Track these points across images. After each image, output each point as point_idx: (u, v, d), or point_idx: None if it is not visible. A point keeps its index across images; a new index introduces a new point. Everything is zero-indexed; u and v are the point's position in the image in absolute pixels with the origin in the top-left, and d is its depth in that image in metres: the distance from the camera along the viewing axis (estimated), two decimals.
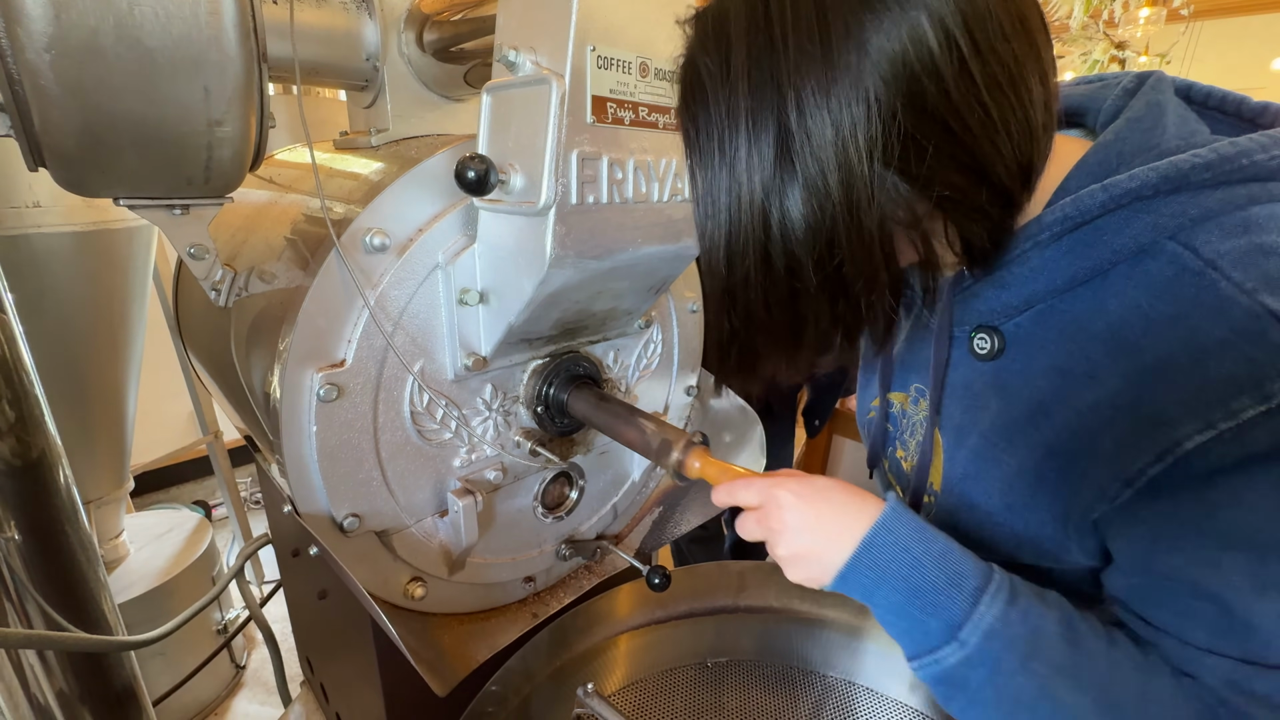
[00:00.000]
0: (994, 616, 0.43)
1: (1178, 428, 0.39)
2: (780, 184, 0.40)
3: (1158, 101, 0.46)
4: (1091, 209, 0.43)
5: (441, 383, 0.66)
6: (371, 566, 0.67)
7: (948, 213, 0.43)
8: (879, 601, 0.46)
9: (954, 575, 0.44)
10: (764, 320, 0.45)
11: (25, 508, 0.78)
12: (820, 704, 0.85)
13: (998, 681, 0.43)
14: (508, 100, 0.55)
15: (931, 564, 0.44)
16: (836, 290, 0.43)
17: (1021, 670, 0.42)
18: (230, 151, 0.54)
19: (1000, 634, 0.42)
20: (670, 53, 0.57)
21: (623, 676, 0.88)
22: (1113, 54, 3.16)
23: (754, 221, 0.41)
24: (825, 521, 0.47)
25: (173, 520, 1.96)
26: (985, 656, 0.43)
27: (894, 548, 0.45)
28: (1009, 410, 0.49)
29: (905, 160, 0.39)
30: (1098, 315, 0.44)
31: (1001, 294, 0.49)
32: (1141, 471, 0.41)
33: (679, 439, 0.58)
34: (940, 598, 0.44)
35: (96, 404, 1.53)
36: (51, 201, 1.24)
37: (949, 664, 0.44)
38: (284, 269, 0.65)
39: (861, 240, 0.41)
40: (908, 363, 0.63)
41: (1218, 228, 0.40)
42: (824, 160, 0.39)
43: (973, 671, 0.43)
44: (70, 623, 0.82)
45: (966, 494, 0.54)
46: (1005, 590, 0.44)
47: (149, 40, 0.46)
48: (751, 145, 0.40)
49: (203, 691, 1.86)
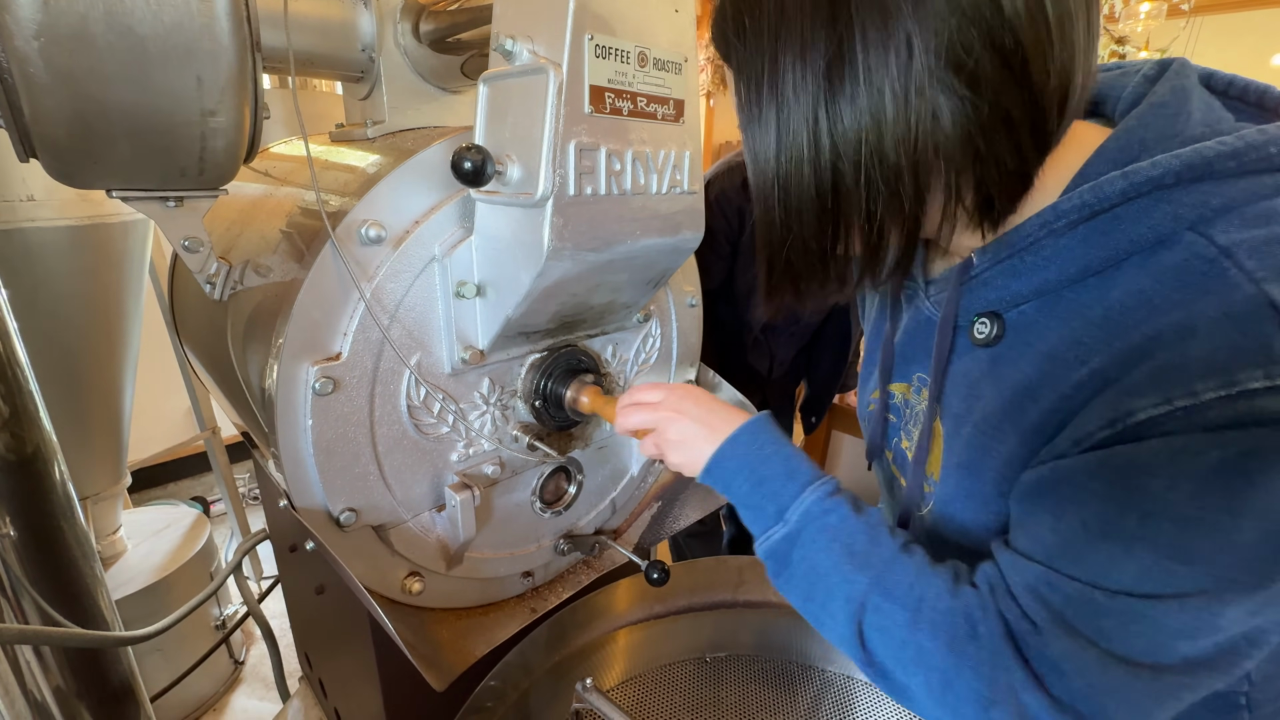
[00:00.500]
0: (813, 501, 0.51)
1: (1137, 398, 0.38)
2: (832, 95, 0.41)
3: (1182, 87, 0.44)
4: (1111, 196, 0.42)
5: (438, 376, 0.65)
6: (369, 561, 0.67)
7: (984, 141, 0.42)
8: (735, 491, 0.55)
9: (792, 470, 0.53)
10: (801, 238, 0.48)
11: (20, 503, 0.78)
12: (819, 698, 0.85)
13: (806, 556, 0.50)
14: (505, 90, 0.54)
15: (778, 461, 0.53)
16: (870, 214, 0.45)
17: (825, 549, 0.49)
18: (224, 142, 0.53)
19: (816, 519, 0.50)
20: (669, 42, 0.57)
21: (621, 671, 0.88)
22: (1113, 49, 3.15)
23: (806, 134, 0.43)
24: (704, 417, 0.58)
25: (170, 516, 1.96)
26: (800, 534, 0.50)
27: (750, 445, 0.55)
28: (1000, 397, 0.49)
29: (959, 67, 0.39)
30: (1098, 302, 0.43)
31: (1013, 282, 0.48)
32: (1090, 434, 0.41)
33: (581, 385, 0.72)
34: (777, 485, 0.52)
35: (92, 400, 1.52)
36: (45, 195, 1.23)
37: (775, 539, 0.52)
38: (279, 262, 0.65)
39: (905, 158, 0.42)
40: (909, 353, 0.62)
41: (1239, 217, 0.39)
42: (876, 70, 0.40)
43: (792, 548, 0.51)
44: (67, 619, 0.81)
45: (962, 483, 0.53)
46: (829, 487, 0.52)
47: (140, 28, 0.46)
48: (805, 57, 0.42)
49: (201, 687, 1.86)
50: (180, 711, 1.81)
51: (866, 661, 0.48)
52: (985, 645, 0.42)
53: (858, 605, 0.47)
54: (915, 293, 0.61)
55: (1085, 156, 0.45)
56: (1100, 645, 0.40)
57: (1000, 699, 0.41)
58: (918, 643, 0.44)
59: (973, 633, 0.43)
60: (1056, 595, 0.41)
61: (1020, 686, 0.41)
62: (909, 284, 0.62)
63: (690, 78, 0.60)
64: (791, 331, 1.57)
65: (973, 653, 0.43)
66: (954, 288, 0.52)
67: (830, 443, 2.26)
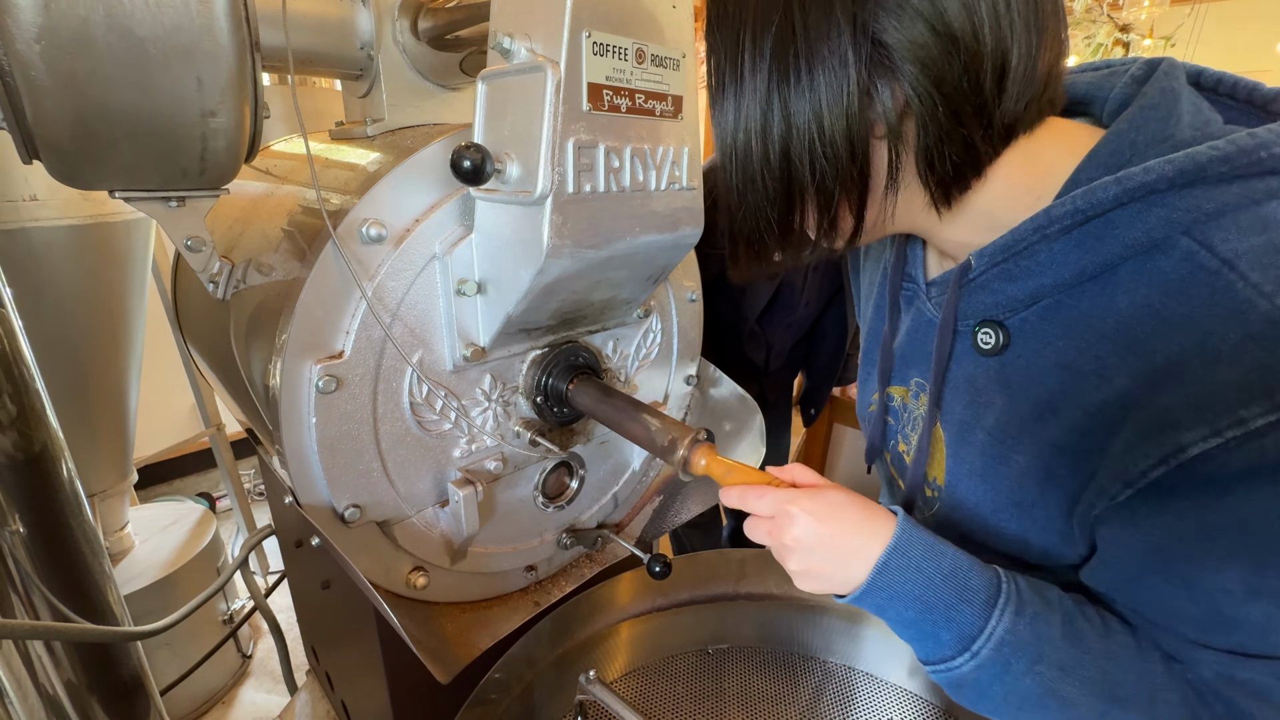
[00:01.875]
0: (1004, 629, 0.45)
1: (1183, 432, 0.38)
2: (783, 74, 0.44)
3: (1171, 88, 0.45)
4: (1103, 202, 0.42)
5: (440, 373, 0.66)
6: (373, 557, 0.68)
7: (925, 115, 0.43)
8: (892, 617, 0.48)
9: (965, 590, 0.46)
10: (757, 206, 0.50)
11: (29, 501, 0.79)
12: (820, 689, 0.86)
13: (1006, 682, 0.46)
14: (503, 88, 0.55)
15: (943, 581, 0.46)
16: (820, 186, 0.47)
17: (1029, 673, 0.45)
18: (225, 142, 0.54)
19: (1009, 643, 0.45)
20: (667, 38, 0.57)
21: (624, 663, 0.88)
22: (1117, 37, 3.12)
23: (758, 111, 0.46)
24: (838, 541, 0.48)
25: (177, 512, 1.97)
26: (995, 663, 0.45)
27: (907, 569, 0.47)
28: (1016, 407, 0.49)
29: (895, 44, 0.42)
30: (1107, 313, 0.43)
31: (1008, 287, 0.48)
32: (1144, 473, 0.40)
33: (684, 435, 0.58)
34: (952, 613, 0.46)
35: (98, 398, 1.54)
36: (48, 195, 1.24)
37: (962, 671, 0.47)
38: (281, 261, 0.65)
39: (848, 133, 0.44)
40: (907, 357, 0.62)
41: (1234, 224, 0.39)
42: (818, 50, 0.43)
43: (984, 675, 0.46)
44: (76, 614, 0.82)
45: (973, 490, 0.53)
46: (1014, 601, 0.46)
47: (140, 30, 0.46)
48: (757, 38, 0.45)
49: (211, 680, 1.88)
50: (190, 704, 1.83)
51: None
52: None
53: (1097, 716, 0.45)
54: (914, 294, 0.61)
55: (1078, 159, 0.45)
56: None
57: None
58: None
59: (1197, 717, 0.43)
60: (1245, 672, 0.41)
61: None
62: (908, 285, 0.62)
63: (689, 73, 0.60)
64: (789, 323, 1.56)
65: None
66: (953, 290, 0.52)
67: (831, 435, 2.26)
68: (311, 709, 1.07)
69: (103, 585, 0.89)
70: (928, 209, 0.49)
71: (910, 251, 0.62)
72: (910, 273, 0.61)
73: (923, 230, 0.54)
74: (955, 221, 0.50)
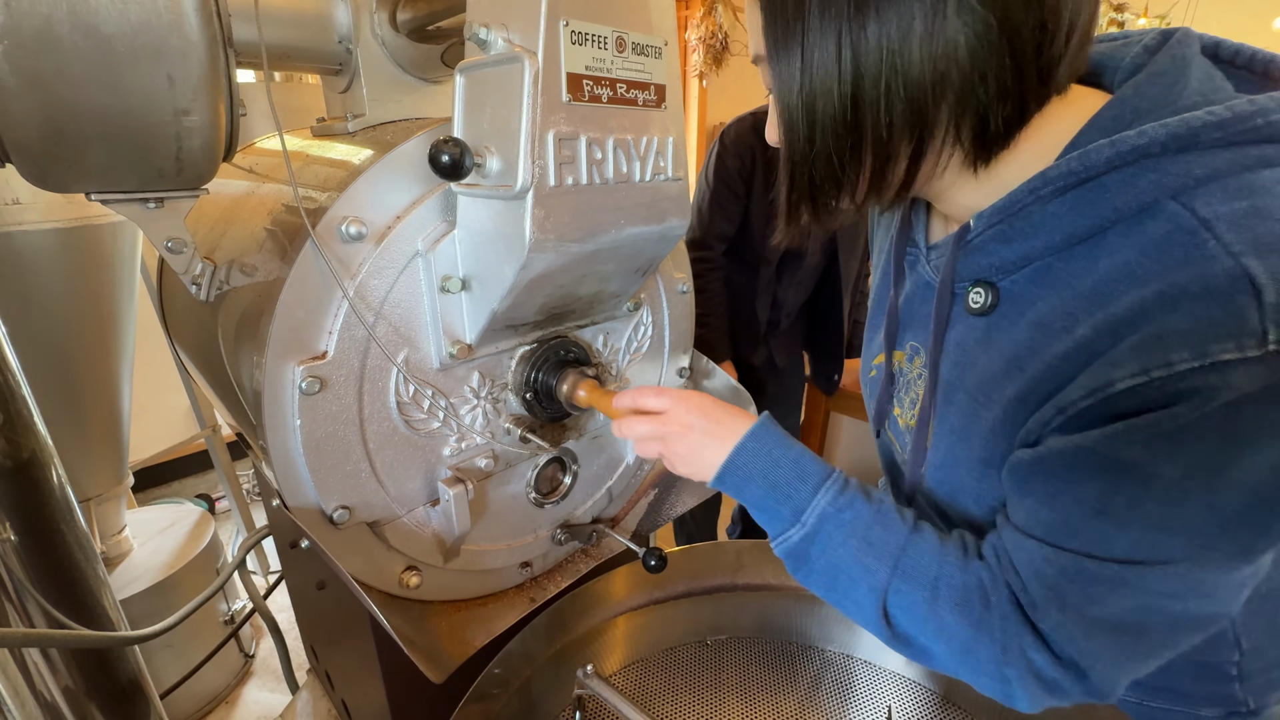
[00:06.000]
0: (827, 502, 0.52)
1: (1119, 369, 0.40)
2: (859, 13, 0.42)
3: (1183, 56, 0.44)
4: (1097, 165, 0.42)
5: (427, 372, 0.65)
6: (365, 557, 0.67)
7: (994, 61, 0.42)
8: (748, 496, 0.56)
9: (803, 474, 0.54)
10: (823, 153, 0.48)
11: (19, 508, 0.78)
12: (819, 678, 0.86)
13: (826, 552, 0.52)
14: (481, 80, 0.54)
15: (789, 465, 0.54)
16: (883, 133, 0.46)
17: (842, 544, 0.52)
18: (200, 141, 0.53)
19: (831, 517, 0.52)
20: (648, 26, 0.56)
21: (622, 657, 0.88)
22: (1111, 16, 3.09)
23: (832, 53, 0.44)
24: (712, 430, 0.57)
25: (175, 514, 1.97)
26: (818, 534, 0.52)
27: (760, 452, 0.55)
28: (991, 365, 0.50)
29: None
30: (1088, 273, 0.43)
31: (1003, 249, 0.48)
32: (1074, 402, 0.42)
33: (575, 375, 0.71)
34: (790, 489, 0.54)
35: (90, 401, 1.53)
36: (31, 198, 1.22)
37: (794, 540, 0.54)
38: (264, 261, 0.64)
39: (928, 75, 0.42)
40: (906, 320, 0.62)
41: (1221, 189, 0.39)
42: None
43: (810, 546, 0.53)
44: (72, 620, 0.82)
45: (953, 450, 0.54)
46: (839, 484, 0.53)
47: (106, 27, 0.45)
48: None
49: (213, 681, 1.88)
50: (194, 705, 1.84)
51: (891, 637, 0.51)
52: (997, 613, 0.47)
53: (880, 591, 0.50)
54: (916, 259, 0.61)
55: (1081, 123, 0.44)
56: (1093, 609, 0.43)
57: (1013, 659, 0.46)
58: (939, 618, 0.48)
59: (986, 603, 0.47)
60: (1052, 568, 0.44)
61: (1029, 646, 0.45)
62: (911, 250, 0.62)
63: (671, 62, 0.59)
64: (799, 280, 1.67)
65: (987, 621, 0.47)
66: (951, 251, 0.52)
67: (829, 424, 2.26)
68: (313, 708, 1.08)
69: (97, 590, 0.88)
70: (963, 167, 0.48)
71: (915, 216, 0.62)
72: (914, 237, 0.61)
73: (944, 192, 0.53)
74: (972, 183, 0.50)
